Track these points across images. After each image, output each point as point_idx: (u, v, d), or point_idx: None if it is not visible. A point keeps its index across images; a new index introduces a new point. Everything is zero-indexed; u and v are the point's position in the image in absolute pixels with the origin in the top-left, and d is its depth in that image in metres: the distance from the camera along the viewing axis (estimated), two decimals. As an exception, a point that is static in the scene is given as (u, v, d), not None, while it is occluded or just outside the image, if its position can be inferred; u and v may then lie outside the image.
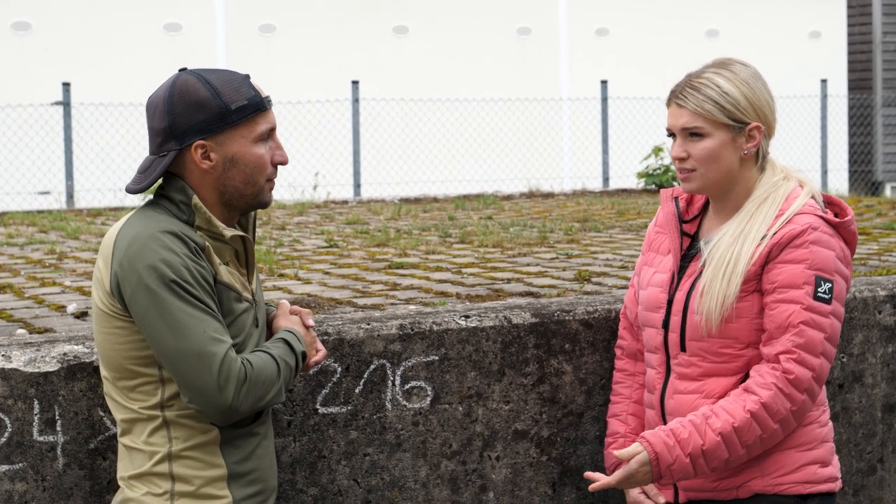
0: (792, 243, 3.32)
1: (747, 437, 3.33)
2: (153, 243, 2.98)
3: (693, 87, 3.39)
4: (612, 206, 10.20)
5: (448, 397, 3.84)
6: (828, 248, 3.34)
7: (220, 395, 2.98)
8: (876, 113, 21.59)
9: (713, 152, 3.39)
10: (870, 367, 4.42)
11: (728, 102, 3.37)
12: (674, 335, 3.47)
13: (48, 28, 16.31)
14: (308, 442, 3.68)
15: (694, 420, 3.36)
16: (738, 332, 3.38)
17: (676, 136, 3.43)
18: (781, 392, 3.31)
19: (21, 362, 3.37)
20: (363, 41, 17.82)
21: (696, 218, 3.58)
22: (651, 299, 3.53)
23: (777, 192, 3.41)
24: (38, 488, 3.39)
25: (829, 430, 3.51)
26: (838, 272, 3.35)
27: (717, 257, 3.38)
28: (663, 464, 3.34)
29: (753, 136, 3.41)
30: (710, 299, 3.37)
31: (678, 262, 3.51)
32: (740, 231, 3.38)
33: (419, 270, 5.79)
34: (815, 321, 3.31)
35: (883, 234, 7.27)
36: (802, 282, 3.31)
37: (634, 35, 19.45)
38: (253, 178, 3.12)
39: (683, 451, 3.34)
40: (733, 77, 3.39)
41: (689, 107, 3.38)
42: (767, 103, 3.42)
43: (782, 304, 3.32)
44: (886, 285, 4.51)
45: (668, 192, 3.63)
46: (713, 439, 3.33)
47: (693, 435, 3.34)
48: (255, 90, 3.11)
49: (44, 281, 5.66)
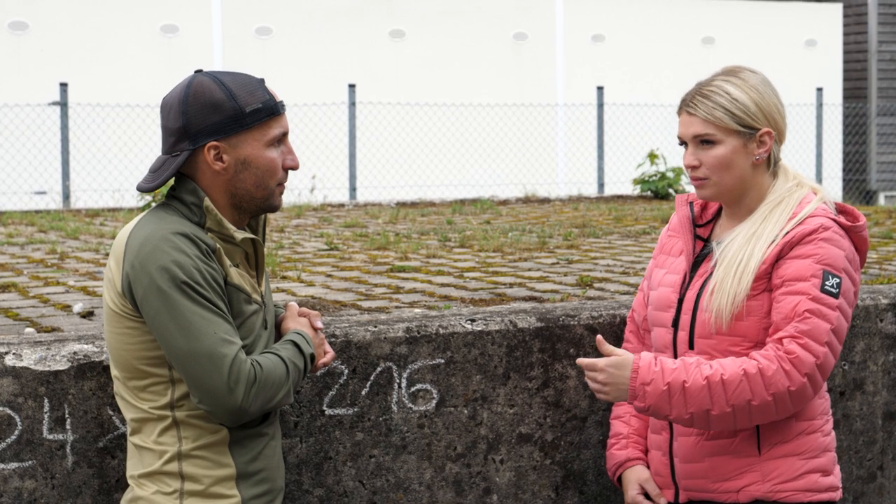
0: (803, 241, 3.35)
1: (735, 395, 3.32)
2: (165, 245, 3.00)
3: (703, 95, 3.42)
4: (609, 212, 10.23)
5: (453, 400, 3.86)
6: (838, 246, 3.37)
7: (230, 397, 3.00)
8: (871, 122, 21.65)
9: (725, 159, 3.42)
10: (871, 375, 4.45)
11: (738, 109, 3.39)
12: (683, 333, 3.49)
13: (45, 28, 16.31)
14: (314, 443, 3.70)
15: (686, 359, 3.38)
16: (746, 330, 3.40)
17: (688, 144, 3.46)
18: (782, 368, 3.30)
19: (31, 361, 3.39)
20: (360, 45, 17.84)
21: (710, 223, 3.61)
22: (662, 299, 3.56)
23: (791, 196, 3.44)
24: (47, 486, 3.41)
25: (831, 439, 3.53)
26: (846, 271, 3.37)
27: (730, 256, 3.41)
28: (640, 379, 3.34)
29: (764, 141, 3.44)
30: (721, 296, 3.39)
31: (690, 264, 3.54)
32: (753, 232, 3.41)
33: (421, 274, 5.81)
34: (821, 311, 3.31)
35: (881, 244, 7.30)
36: (810, 274, 3.33)
37: (630, 42, 19.49)
38: (264, 181, 3.14)
39: (663, 378, 3.34)
40: (742, 84, 3.42)
41: (699, 115, 3.41)
42: (777, 109, 3.45)
43: (789, 296, 3.34)
44: (888, 294, 4.54)
45: (684, 197, 3.66)
46: (698, 382, 3.33)
47: (680, 370, 3.35)
48: (269, 94, 3.14)
49: (47, 280, 5.67)
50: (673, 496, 3.61)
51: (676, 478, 3.58)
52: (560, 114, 18.81)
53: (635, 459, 3.68)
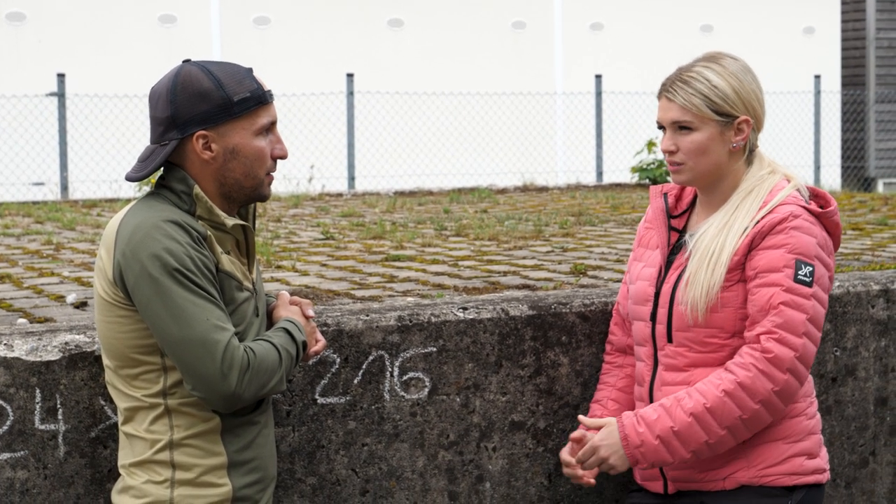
0: (773, 230, 3.36)
1: (724, 417, 3.35)
2: (156, 232, 3.01)
3: (683, 80, 3.43)
4: (607, 201, 10.23)
5: (445, 388, 3.87)
6: (809, 234, 3.37)
7: (224, 383, 3.01)
8: (869, 109, 21.64)
9: (701, 145, 3.42)
10: (863, 361, 4.46)
11: (717, 96, 3.40)
12: (661, 327, 3.51)
13: (43, 19, 16.30)
14: (307, 432, 3.71)
15: (664, 403, 3.40)
16: (723, 321, 3.42)
17: (666, 129, 3.47)
18: (761, 372, 3.33)
19: (23, 351, 3.40)
20: (358, 34, 17.83)
21: (685, 213, 3.61)
22: (639, 293, 3.58)
23: (762, 185, 3.45)
24: (39, 476, 3.42)
25: (816, 422, 3.54)
26: (819, 258, 3.38)
27: (703, 248, 3.42)
28: (631, 445, 3.39)
29: (742, 129, 3.44)
30: (695, 288, 3.40)
31: (665, 256, 3.55)
32: (725, 222, 3.42)
33: (416, 263, 5.82)
34: (796, 302, 3.33)
35: (876, 230, 7.31)
36: (783, 265, 3.34)
37: (629, 30, 19.48)
38: (253, 170, 3.15)
39: (651, 433, 3.38)
40: (722, 70, 3.42)
41: (677, 101, 3.42)
42: (756, 97, 3.45)
43: (763, 288, 3.35)
44: (880, 280, 4.55)
45: (658, 188, 3.67)
46: (684, 420, 3.36)
47: (662, 416, 3.38)
48: (257, 83, 3.14)
49: (42, 271, 5.68)
50: (662, 488, 3.62)
51: (664, 469, 3.59)
52: (559, 102, 18.81)
53: None
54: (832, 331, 4.38)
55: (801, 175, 3.54)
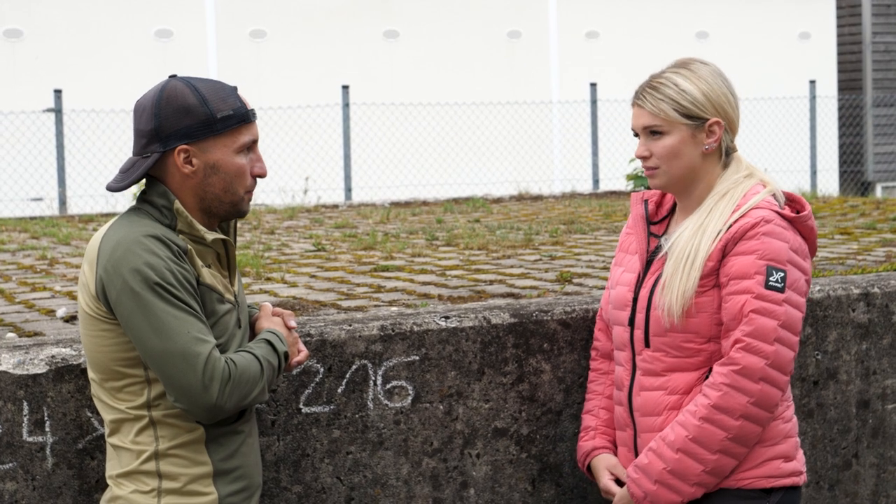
0: (745, 236, 3.41)
1: (710, 443, 3.41)
2: (137, 247, 3.06)
3: (652, 87, 3.50)
4: (600, 209, 10.28)
5: (429, 396, 3.92)
6: (780, 239, 3.41)
7: (205, 394, 3.06)
8: (866, 113, 21.69)
9: (673, 149, 3.48)
10: (844, 364, 4.51)
11: (685, 99, 3.46)
12: (639, 332, 3.56)
13: (40, 35, 16.38)
14: (292, 441, 3.76)
15: (652, 445, 3.49)
16: (699, 326, 3.46)
17: (640, 135, 3.53)
18: (732, 388, 3.38)
19: (10, 365, 3.46)
20: (353, 46, 17.90)
21: (665, 219, 3.67)
22: (619, 298, 3.63)
23: (736, 188, 3.50)
24: (27, 487, 3.47)
25: (793, 425, 3.58)
26: (792, 262, 3.42)
27: (678, 252, 3.47)
28: (637, 498, 3.52)
29: (714, 131, 3.49)
30: (671, 293, 3.45)
31: (644, 262, 3.60)
32: (699, 225, 3.47)
33: (404, 273, 5.87)
34: (767, 309, 3.37)
35: (864, 234, 7.35)
36: (754, 272, 3.38)
37: (624, 38, 19.54)
38: (232, 186, 3.20)
39: (649, 480, 3.49)
40: (691, 75, 3.48)
41: (647, 107, 3.49)
42: (727, 99, 3.51)
43: (735, 296, 3.40)
44: (860, 284, 4.60)
45: (639, 195, 3.73)
46: (672, 458, 3.44)
47: (653, 461, 3.48)
48: (241, 101, 3.20)
49: (34, 286, 5.73)
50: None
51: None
52: (554, 111, 18.87)
53: (601, 448, 3.75)
54: (813, 335, 4.43)
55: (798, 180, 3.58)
